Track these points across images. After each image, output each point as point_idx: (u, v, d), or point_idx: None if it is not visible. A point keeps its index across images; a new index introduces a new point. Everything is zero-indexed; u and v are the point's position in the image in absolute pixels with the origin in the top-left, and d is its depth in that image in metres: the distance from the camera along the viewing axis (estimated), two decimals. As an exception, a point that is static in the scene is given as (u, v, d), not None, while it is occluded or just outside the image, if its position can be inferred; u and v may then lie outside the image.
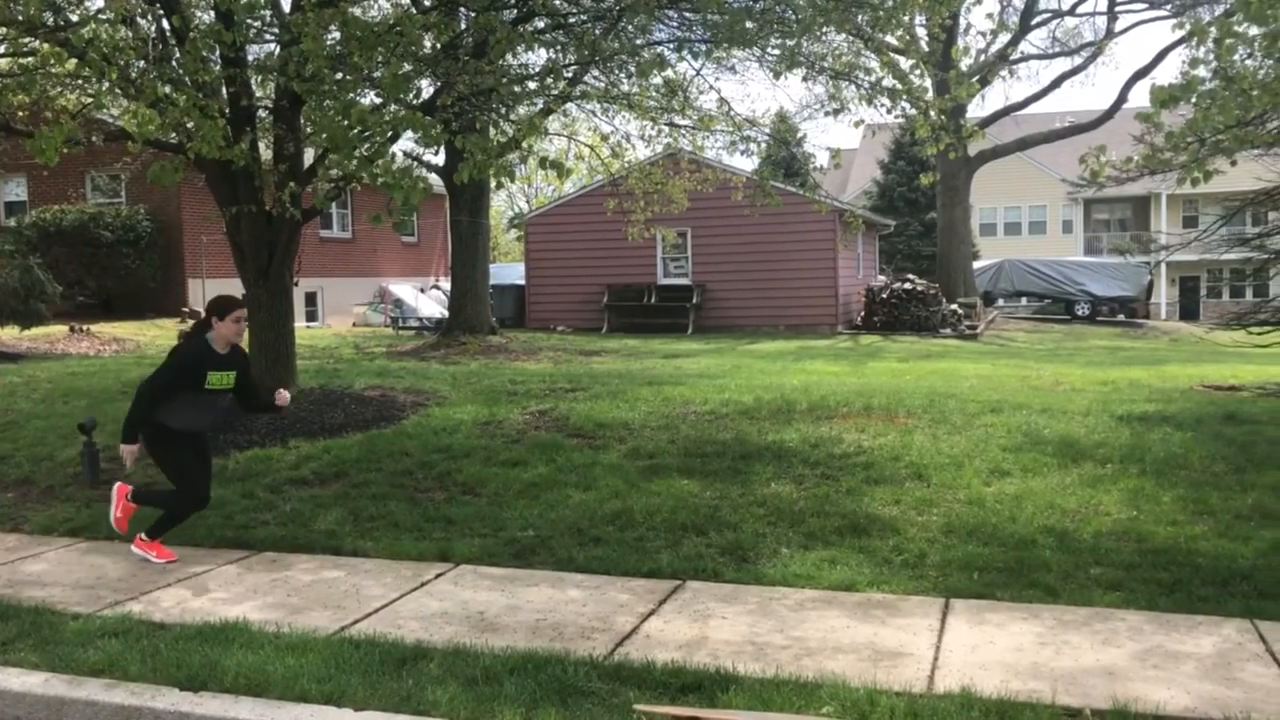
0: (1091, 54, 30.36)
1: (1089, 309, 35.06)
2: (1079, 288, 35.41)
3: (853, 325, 27.15)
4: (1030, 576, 5.84)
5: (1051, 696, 4.28)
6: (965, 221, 32.16)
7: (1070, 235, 50.49)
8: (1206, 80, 5.61)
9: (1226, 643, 4.90)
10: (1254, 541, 6.24)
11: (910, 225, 40.10)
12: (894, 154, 40.39)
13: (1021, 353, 21.04)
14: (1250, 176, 14.53)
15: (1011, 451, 8.42)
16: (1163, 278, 46.44)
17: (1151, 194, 46.00)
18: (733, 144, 12.25)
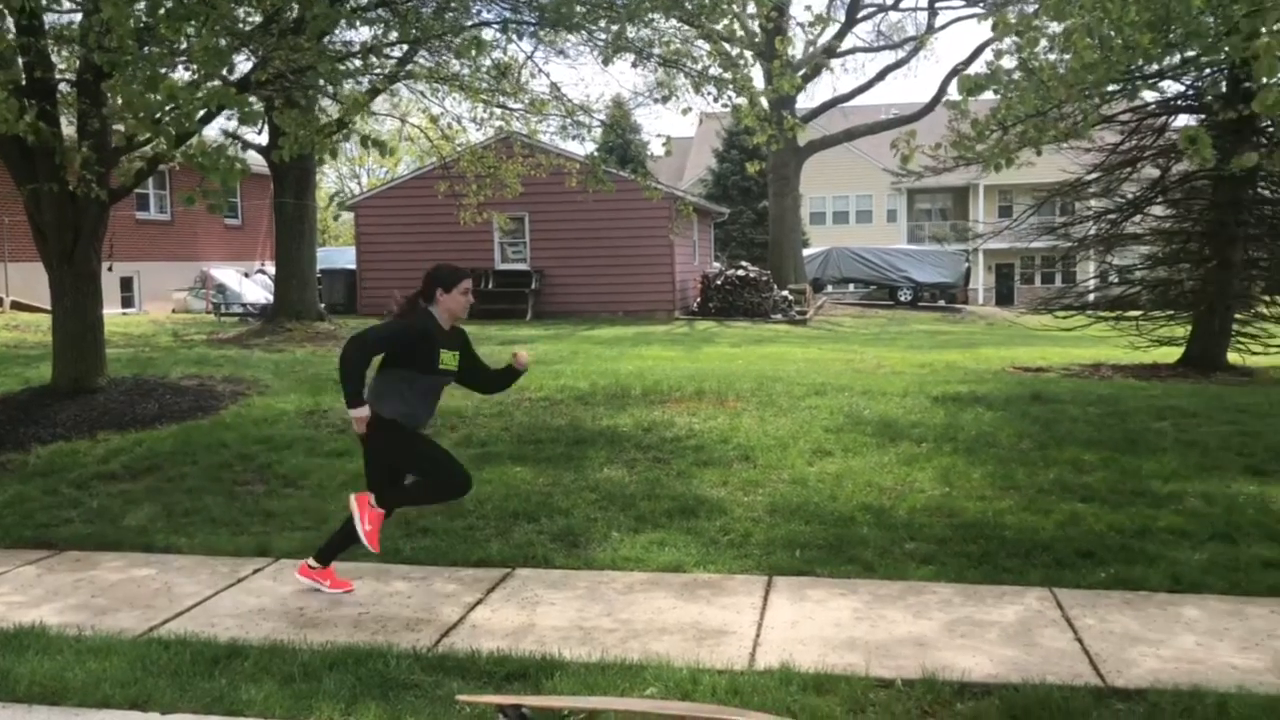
0: (914, 48, 31.58)
1: (911, 295, 36.52)
2: (902, 274, 36.85)
3: (689, 311, 27.52)
4: (849, 553, 6.03)
5: (866, 669, 4.43)
6: (795, 210, 32.99)
7: (895, 224, 52.44)
8: (1012, 72, 5.91)
9: (1028, 611, 5.17)
10: (1054, 514, 6.61)
11: (744, 213, 40.88)
12: (727, 143, 41.05)
13: (847, 337, 21.74)
14: (1056, 169, 15.39)
15: (834, 432, 8.68)
16: (980, 265, 48.81)
17: (970, 185, 48.18)
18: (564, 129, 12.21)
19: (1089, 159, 14.71)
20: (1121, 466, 7.69)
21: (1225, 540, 6.14)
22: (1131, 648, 4.67)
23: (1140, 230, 15.27)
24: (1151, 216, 15.21)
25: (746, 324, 24.58)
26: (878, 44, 33.98)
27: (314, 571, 5.54)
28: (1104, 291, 16.44)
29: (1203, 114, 13.44)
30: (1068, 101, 5.96)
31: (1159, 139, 14.03)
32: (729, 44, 9.67)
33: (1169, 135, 13.97)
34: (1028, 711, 3.97)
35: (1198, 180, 14.08)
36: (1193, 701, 4.05)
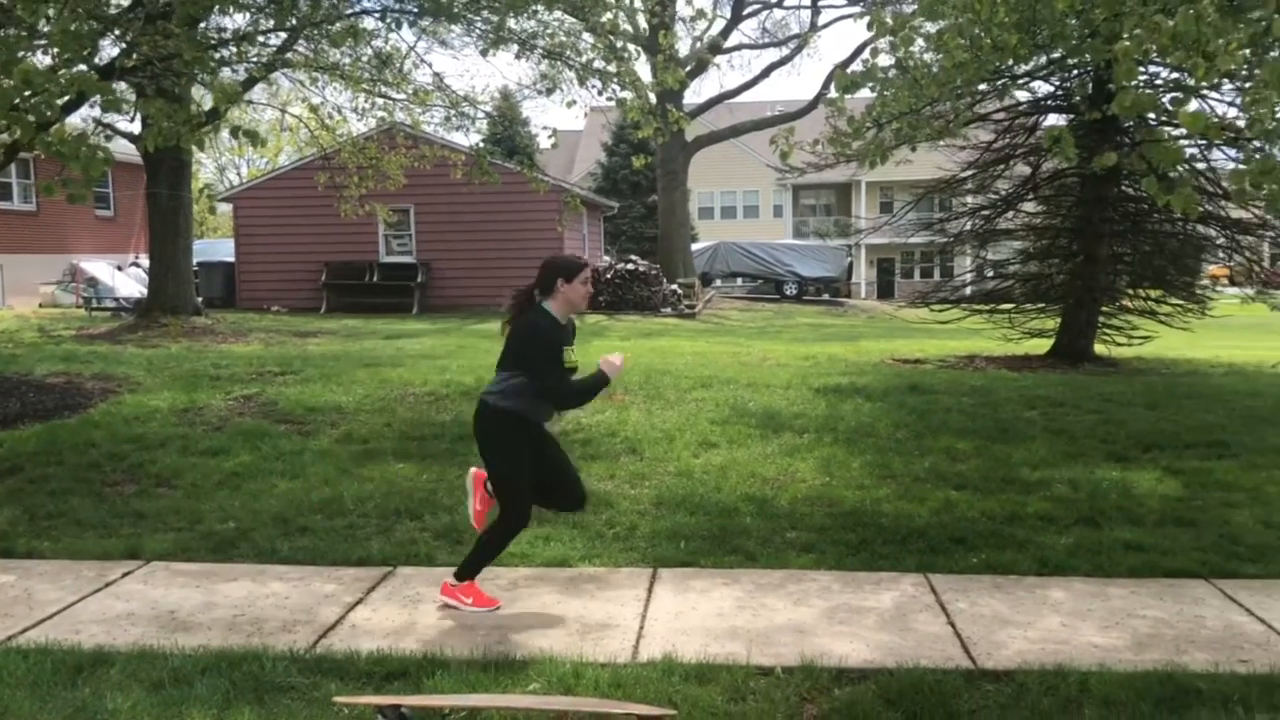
0: (797, 46, 32.11)
1: (797, 289, 37.16)
2: (788, 269, 37.46)
3: (578, 305, 27.48)
4: (733, 543, 6.10)
5: (747, 657, 4.48)
6: (684, 204, 33.24)
7: (781, 219, 53.25)
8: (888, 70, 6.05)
9: (903, 596, 5.31)
10: (929, 501, 6.80)
11: (634, 207, 41.02)
12: (616, 137, 41.11)
13: (734, 330, 22.01)
14: (933, 166, 15.82)
15: (719, 424, 8.78)
16: (862, 259, 49.95)
17: (852, 181, 49.25)
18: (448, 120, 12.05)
19: (964, 156, 15.14)
20: (993, 455, 7.95)
21: (1089, 524, 6.40)
22: (1001, 630, 4.83)
23: (1013, 226, 15.79)
24: (1023, 213, 15.74)
25: (636, 317, 24.67)
26: (763, 41, 34.43)
27: (455, 589, 5.19)
28: (980, 285, 16.97)
29: (1071, 114, 13.96)
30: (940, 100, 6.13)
31: (1030, 137, 14.52)
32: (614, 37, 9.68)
33: (1039, 134, 14.48)
34: (901, 695, 4.07)
35: (1067, 178, 14.62)
36: (1057, 680, 4.21)
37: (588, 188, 38.82)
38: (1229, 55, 3.81)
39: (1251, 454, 7.99)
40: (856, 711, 3.97)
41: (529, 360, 4.99)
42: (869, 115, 6.08)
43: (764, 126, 33.98)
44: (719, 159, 45.72)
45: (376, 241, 25.93)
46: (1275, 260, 30.41)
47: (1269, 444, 8.29)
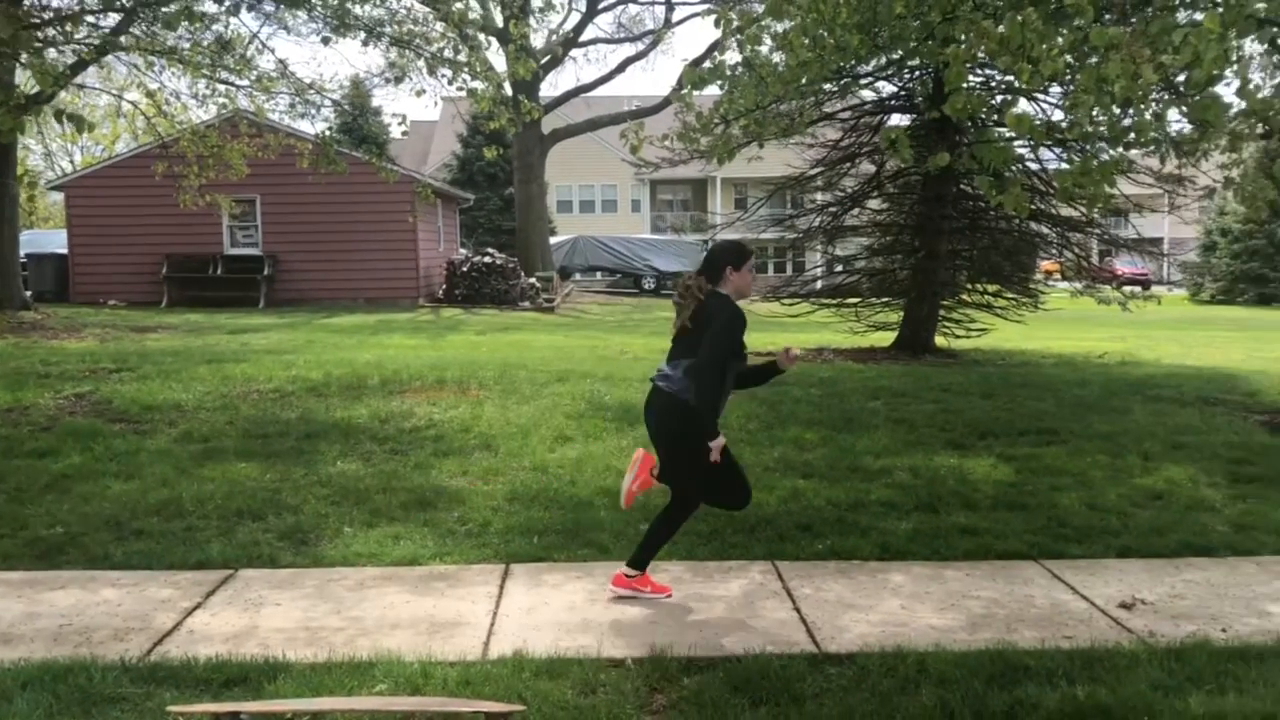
0: (652, 42, 32.35)
1: (655, 283, 37.48)
2: (646, 263, 37.77)
3: (435, 298, 27.10)
4: (586, 536, 6.11)
5: (598, 650, 4.50)
6: (541, 198, 33.11)
7: (639, 213, 53.60)
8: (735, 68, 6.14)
9: (751, 584, 5.41)
10: (777, 490, 6.95)
11: (491, 200, 40.63)
12: (472, 128, 40.63)
13: (593, 324, 22.05)
14: (785, 164, 16.15)
15: (575, 418, 8.78)
16: (719, 254, 50.60)
17: (708, 177, 49.90)
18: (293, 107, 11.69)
19: (813, 154, 15.52)
20: (839, 444, 8.18)
21: (928, 510, 6.65)
22: (844, 614, 4.98)
23: (859, 223, 16.29)
24: (869, 210, 16.24)
25: (494, 311, 24.47)
26: (618, 36, 34.59)
27: (631, 580, 5.13)
28: (830, 280, 17.43)
29: (913, 114, 14.46)
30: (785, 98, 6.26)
31: (875, 136, 14.97)
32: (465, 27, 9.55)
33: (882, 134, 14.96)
34: (748, 681, 4.15)
35: (910, 176, 15.14)
36: (896, 662, 4.36)
37: (443, 179, 38.29)
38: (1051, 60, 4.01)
39: (1078, 440, 8.43)
40: (704, 699, 4.02)
41: (718, 343, 4.85)
42: (717, 112, 6.16)
43: (621, 121, 34.11)
44: (577, 153, 45.71)
45: (221, 233, 24.99)
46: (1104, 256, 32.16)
47: (1094, 431, 8.76)
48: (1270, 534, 6.22)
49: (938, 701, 3.95)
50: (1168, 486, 7.19)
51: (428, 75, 9.43)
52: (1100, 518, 6.50)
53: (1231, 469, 7.62)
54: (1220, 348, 17.38)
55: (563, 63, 31.57)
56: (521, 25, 9.63)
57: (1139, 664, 4.32)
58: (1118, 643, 4.59)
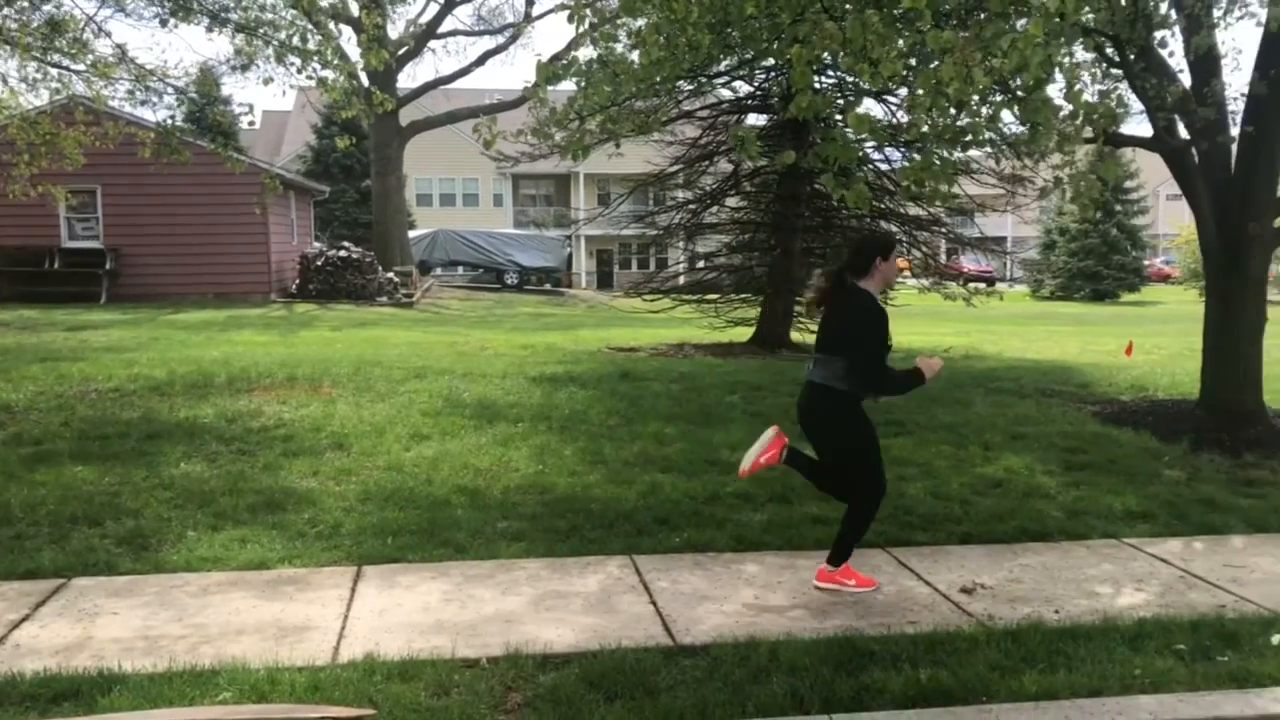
0: (512, 35, 32.11)
1: (518, 278, 37.29)
2: (508, 258, 37.52)
3: (288, 294, 26.33)
4: (443, 536, 6.02)
5: (453, 650, 4.44)
6: (400, 190, 32.52)
7: (501, 208, 53.20)
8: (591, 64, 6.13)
9: (609, 579, 5.42)
10: (636, 485, 6.99)
11: (347, 192, 39.72)
12: (327, 118, 39.60)
13: (453, 320, 21.79)
14: (645, 160, 16.26)
15: (432, 416, 8.65)
16: (582, 250, 50.76)
17: (571, 172, 49.90)
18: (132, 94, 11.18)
19: (673, 152, 15.67)
20: (697, 438, 8.28)
21: (782, 502, 6.78)
22: (699, 606, 5.03)
23: (718, 220, 16.53)
24: (727, 208, 16.50)
25: (350, 307, 23.92)
26: (478, 28, 34.25)
27: (834, 574, 5.23)
28: (693, 276, 17.66)
29: (769, 113, 14.75)
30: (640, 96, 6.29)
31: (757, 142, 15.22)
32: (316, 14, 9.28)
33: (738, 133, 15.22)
34: (604, 676, 4.16)
35: (767, 175, 15.44)
36: (749, 651, 4.43)
37: (297, 170, 37.23)
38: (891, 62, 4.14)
39: (924, 431, 8.73)
40: (560, 696, 4.01)
41: (864, 341, 4.98)
42: (571, 108, 6.15)
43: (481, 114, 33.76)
44: (437, 145, 45.04)
45: (58, 225, 23.74)
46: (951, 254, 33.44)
47: (939, 422, 9.09)
48: (1100, 519, 6.56)
49: (788, 689, 4.04)
50: (1007, 475, 7.51)
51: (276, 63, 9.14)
52: (944, 506, 6.74)
53: (1065, 457, 8.01)
54: (1058, 342, 18.26)
55: (421, 54, 31.10)
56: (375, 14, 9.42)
57: (978, 646, 4.49)
58: (959, 626, 4.77)
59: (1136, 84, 8.27)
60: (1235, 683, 4.18)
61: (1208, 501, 6.93)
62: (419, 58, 30.93)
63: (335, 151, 37.49)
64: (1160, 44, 8.30)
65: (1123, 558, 5.91)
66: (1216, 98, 8.60)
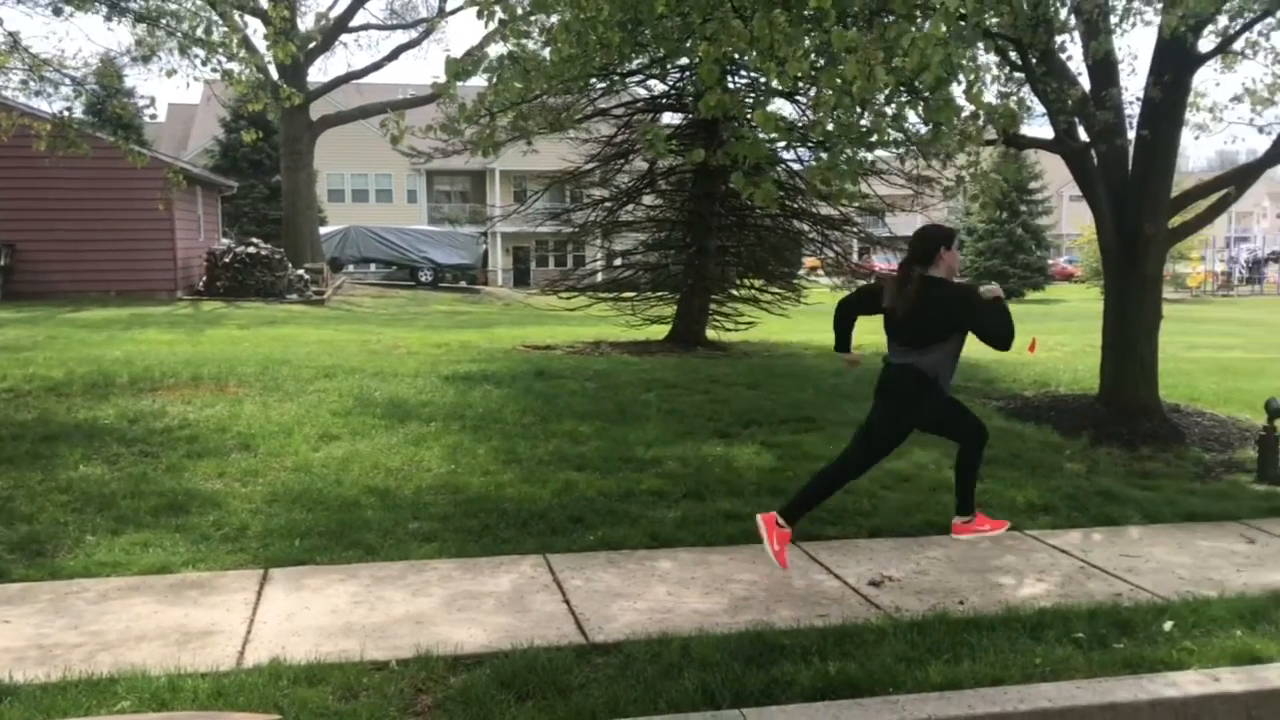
0: (425, 30, 31.76)
1: (432, 275, 36.91)
2: (423, 255, 37.11)
3: (195, 291, 25.70)
4: (352, 537, 5.93)
5: (361, 653, 4.37)
6: (310, 186, 31.93)
7: (415, 204, 52.61)
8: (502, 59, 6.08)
9: (522, 578, 5.39)
10: (551, 484, 6.97)
11: (256, 187, 38.84)
12: (235, 112, 38.69)
13: (366, 318, 21.48)
14: (558, 158, 16.21)
15: (342, 416, 8.52)
16: (498, 247, 50.42)
17: (487, 169, 49.54)
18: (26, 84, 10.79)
19: (588, 150, 15.65)
20: (612, 436, 8.28)
21: (696, 498, 6.82)
22: (613, 604, 5.03)
23: (634, 218, 16.56)
24: (643, 206, 16.54)
25: (259, 304, 23.42)
26: (391, 22, 33.78)
27: (968, 525, 5.72)
28: (611, 274, 17.67)
29: (684, 112, 14.81)
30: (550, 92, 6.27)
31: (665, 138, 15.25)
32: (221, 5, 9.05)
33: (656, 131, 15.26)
34: (516, 676, 4.13)
35: (683, 174, 15.51)
36: (661, 648, 4.45)
37: (204, 165, 36.34)
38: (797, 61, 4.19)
39: (835, 426, 8.85)
40: (471, 697, 3.98)
41: (970, 318, 5.34)
42: (481, 104, 6.10)
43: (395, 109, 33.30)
44: (349, 140, 44.34)
45: (-53, 219, 22.80)
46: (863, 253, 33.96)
47: (849, 417, 9.21)
48: (1003, 511, 6.70)
49: (699, 685, 4.06)
50: (915, 469, 7.66)
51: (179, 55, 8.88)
52: (854, 500, 6.84)
53: (971, 451, 8.18)
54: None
55: (332, 48, 30.59)
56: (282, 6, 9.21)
57: (886, 638, 4.57)
58: (867, 619, 4.85)
59: (1038, 87, 8.50)
60: (1130, 669, 4.32)
61: (1106, 494, 7.16)
62: (330, 51, 30.45)
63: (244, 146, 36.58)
64: (1060, 49, 8.54)
65: (1025, 549, 6.07)
66: (1114, 101, 8.87)
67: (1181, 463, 8.16)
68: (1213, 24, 8.64)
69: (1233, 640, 4.59)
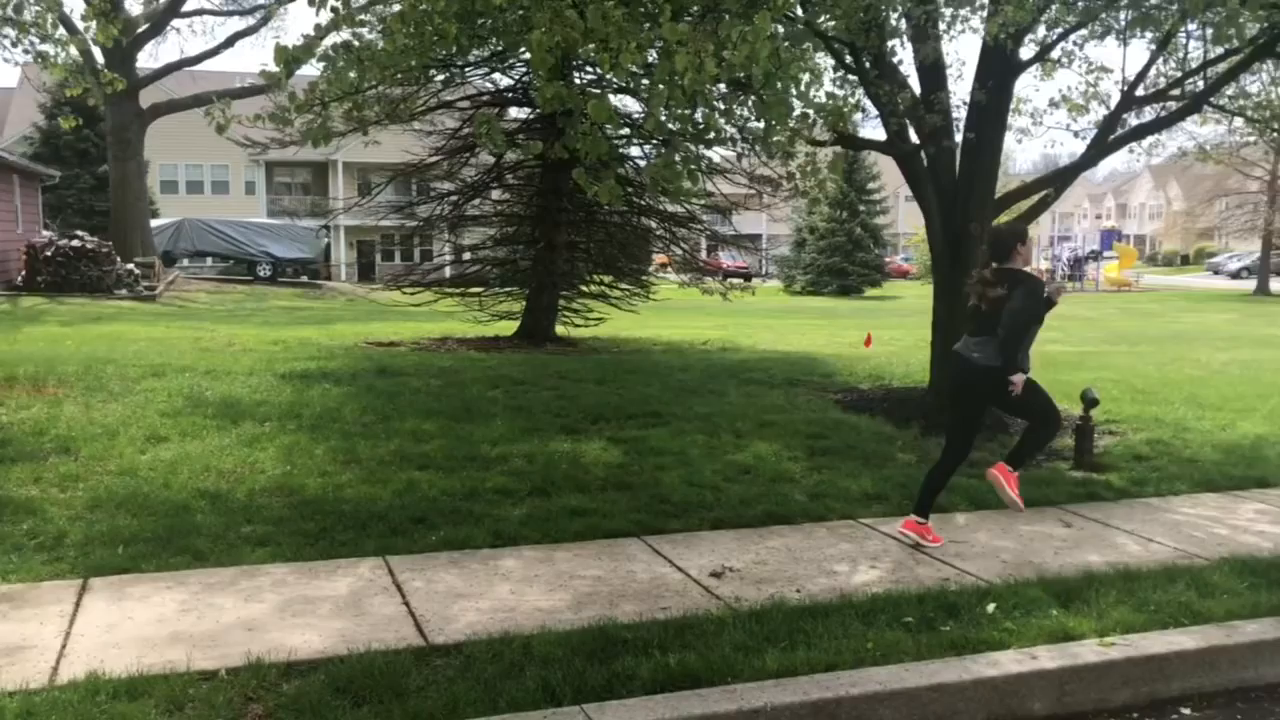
0: (263, 17, 30.68)
1: (272, 270, 35.74)
2: (261, 249, 35.90)
3: (13, 286, 24.22)
4: (181, 543, 5.68)
5: (189, 663, 4.19)
6: (140, 177, 30.49)
7: (254, 196, 50.85)
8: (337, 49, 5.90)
9: (360, 581, 5.26)
10: (391, 484, 6.82)
11: (81, 177, 36.84)
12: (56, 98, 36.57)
13: (200, 314, 20.66)
14: (401, 150, 15.92)
15: (171, 416, 8.16)
16: (342, 241, 49.21)
17: (329, 160, 48.27)
18: None
19: (433, 142, 15.42)
20: (457, 434, 8.18)
21: (542, 495, 6.79)
22: (455, 604, 4.96)
23: (482, 212, 16.40)
24: (491, 200, 16.40)
25: (84, 300, 22.25)
26: (227, 8, 32.53)
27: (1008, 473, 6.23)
28: (460, 269, 17.46)
29: (530, 106, 14.74)
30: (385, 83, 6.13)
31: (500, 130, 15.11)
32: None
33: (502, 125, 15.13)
34: (352, 681, 4.03)
35: (531, 168, 15.43)
36: (503, 647, 4.40)
37: (22, 153, 34.28)
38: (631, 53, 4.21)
39: (680, 421, 8.97)
40: (304, 704, 3.86)
41: (1036, 311, 5.99)
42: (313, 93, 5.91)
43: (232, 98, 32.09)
44: (183, 129, 42.35)
45: None
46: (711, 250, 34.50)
47: (695, 412, 9.36)
48: (839, 501, 6.92)
49: (540, 682, 4.04)
50: (756, 461, 7.82)
51: (-14, 36, 8.33)
52: (697, 493, 6.94)
53: (809, 443, 8.41)
54: (807, 334, 19.20)
55: (164, 32, 29.26)
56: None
57: (725, 628, 4.65)
58: (708, 610, 4.92)
59: (871, 90, 8.78)
60: (955, 650, 4.51)
61: (935, 482, 7.44)
62: (162, 36, 29.15)
63: (66, 133, 34.67)
64: (891, 53, 8.84)
65: (859, 537, 6.26)
66: (943, 105, 9.25)
67: (1005, 451, 8.56)
68: (1032, 33, 9.09)
69: (1049, 620, 4.83)
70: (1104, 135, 9.58)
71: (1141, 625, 4.80)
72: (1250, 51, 8.79)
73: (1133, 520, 6.76)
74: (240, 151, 46.04)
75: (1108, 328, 24.44)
